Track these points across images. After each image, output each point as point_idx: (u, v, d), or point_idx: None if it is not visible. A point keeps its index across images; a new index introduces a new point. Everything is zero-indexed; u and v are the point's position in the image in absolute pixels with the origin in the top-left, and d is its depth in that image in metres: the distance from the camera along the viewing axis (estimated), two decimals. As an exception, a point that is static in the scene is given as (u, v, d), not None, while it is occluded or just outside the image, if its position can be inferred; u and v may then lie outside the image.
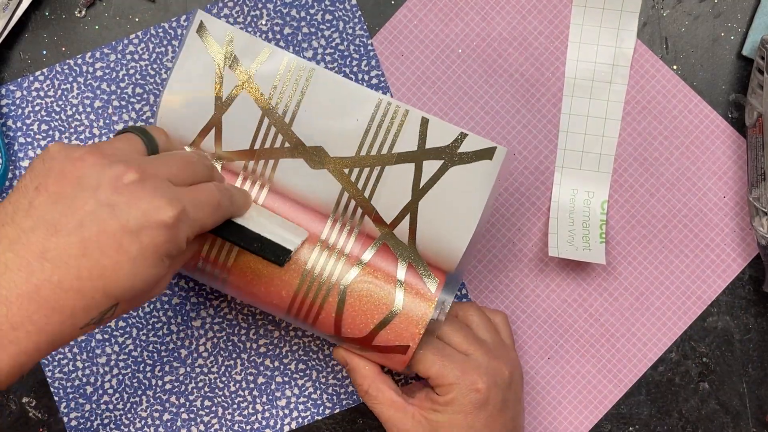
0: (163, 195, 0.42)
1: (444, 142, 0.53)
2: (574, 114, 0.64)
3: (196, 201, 0.44)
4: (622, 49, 0.64)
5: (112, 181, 0.41)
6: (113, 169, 0.42)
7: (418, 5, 0.64)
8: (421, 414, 0.54)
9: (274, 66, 0.54)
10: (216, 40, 0.54)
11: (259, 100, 0.54)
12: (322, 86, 0.54)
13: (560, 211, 0.64)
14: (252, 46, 0.54)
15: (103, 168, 0.41)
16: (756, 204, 0.62)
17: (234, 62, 0.54)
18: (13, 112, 0.64)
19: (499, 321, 0.60)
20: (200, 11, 0.53)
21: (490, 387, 0.54)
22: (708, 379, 0.65)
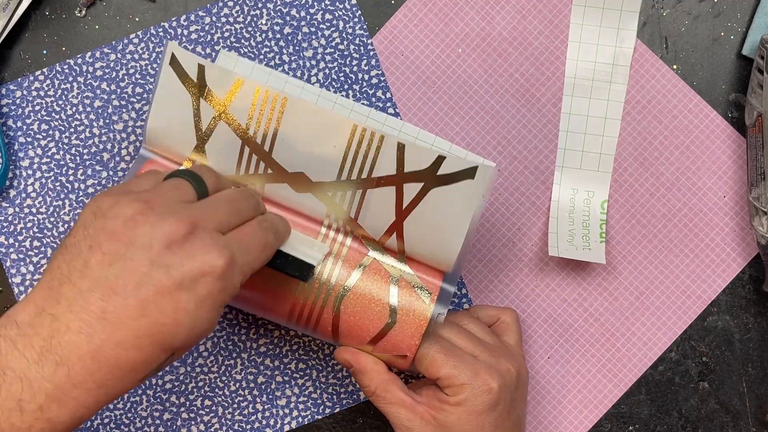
0: (214, 246, 0.43)
1: (422, 166, 0.52)
2: (574, 114, 0.64)
3: (245, 245, 0.46)
4: (622, 49, 0.64)
5: (164, 240, 0.42)
6: (164, 226, 0.42)
7: (418, 5, 0.64)
8: (430, 414, 0.54)
9: (248, 96, 0.53)
10: (189, 72, 0.53)
11: (238, 129, 0.54)
12: (297, 115, 0.53)
13: (560, 210, 0.64)
14: (224, 77, 0.53)
15: (153, 227, 0.42)
16: (756, 203, 0.62)
17: (208, 94, 0.53)
18: (13, 112, 0.64)
19: (509, 319, 0.60)
20: (171, 43, 0.53)
21: (501, 387, 0.54)
22: (708, 378, 0.65)
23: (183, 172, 0.47)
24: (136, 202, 0.43)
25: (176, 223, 0.42)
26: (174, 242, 0.42)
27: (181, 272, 0.42)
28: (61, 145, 0.64)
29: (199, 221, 0.43)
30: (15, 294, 0.64)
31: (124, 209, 0.43)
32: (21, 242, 0.64)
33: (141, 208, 0.43)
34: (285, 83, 0.62)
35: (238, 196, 0.48)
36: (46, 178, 0.64)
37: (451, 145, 0.63)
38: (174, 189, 0.45)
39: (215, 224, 0.45)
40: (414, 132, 0.63)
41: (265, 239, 0.47)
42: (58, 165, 0.64)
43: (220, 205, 0.46)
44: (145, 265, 0.41)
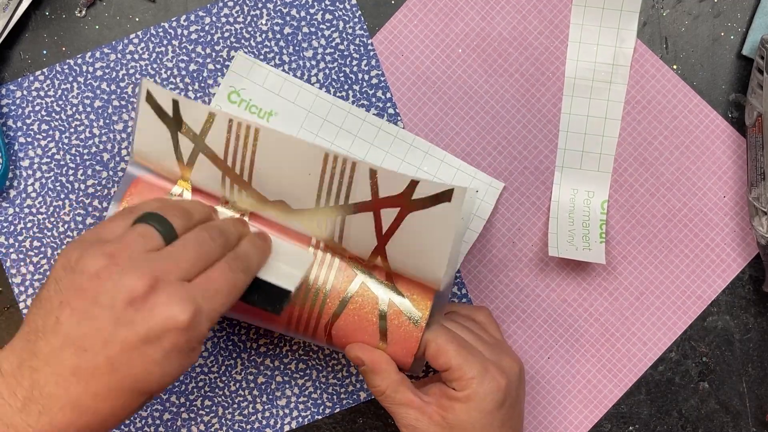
0: (177, 300, 0.44)
1: (396, 191, 0.51)
2: (574, 114, 0.64)
3: (212, 291, 0.46)
4: (622, 49, 0.64)
5: (126, 298, 0.43)
6: (126, 283, 0.43)
7: (418, 5, 0.64)
8: (439, 414, 0.54)
9: (222, 129, 0.52)
10: (165, 108, 0.52)
11: (216, 161, 0.54)
12: (270, 145, 0.52)
13: (560, 210, 0.64)
14: (194, 111, 0.52)
15: (116, 284, 0.43)
16: (756, 203, 0.62)
17: (186, 128, 0.53)
18: (14, 112, 0.64)
19: (484, 317, 0.60)
20: (144, 80, 0.52)
21: (508, 385, 0.54)
22: (708, 378, 0.65)
23: (150, 217, 0.47)
24: (101, 256, 0.44)
25: (138, 280, 0.43)
26: (136, 299, 0.43)
27: (144, 329, 0.43)
28: (61, 145, 0.64)
29: (162, 274, 0.44)
30: (15, 294, 0.64)
31: (89, 264, 0.44)
32: (21, 242, 0.64)
33: (104, 263, 0.44)
34: (299, 91, 0.63)
35: (206, 238, 0.48)
36: (46, 178, 0.64)
37: (461, 163, 0.63)
38: (140, 238, 0.46)
39: (180, 274, 0.45)
40: (424, 146, 0.63)
41: (233, 281, 0.47)
42: (58, 165, 0.64)
43: (186, 252, 0.46)
44: (110, 322, 0.43)
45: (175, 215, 0.48)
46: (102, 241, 0.46)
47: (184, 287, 0.45)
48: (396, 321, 0.55)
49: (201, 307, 0.45)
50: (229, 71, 0.63)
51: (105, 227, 0.47)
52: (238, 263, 0.48)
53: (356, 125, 0.63)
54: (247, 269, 0.49)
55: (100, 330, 0.43)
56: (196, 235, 0.48)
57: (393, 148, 0.63)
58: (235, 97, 0.63)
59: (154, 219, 0.47)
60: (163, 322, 0.43)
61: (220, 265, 0.47)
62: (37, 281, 0.64)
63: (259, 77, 0.63)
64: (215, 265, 0.47)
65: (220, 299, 0.46)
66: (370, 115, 0.64)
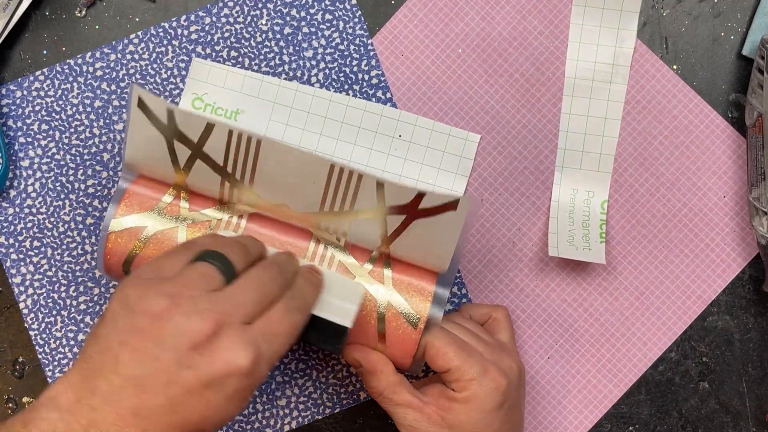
0: (240, 345, 0.44)
1: (402, 202, 0.51)
2: (574, 114, 0.64)
3: (272, 335, 0.46)
4: (622, 49, 0.64)
5: (190, 341, 0.43)
6: (190, 326, 0.43)
7: (418, 5, 0.64)
8: (438, 414, 0.54)
9: (222, 138, 0.52)
10: (158, 116, 0.51)
11: (215, 167, 0.53)
12: (273, 155, 0.52)
13: (560, 210, 0.64)
14: (191, 120, 0.51)
15: (178, 326, 0.43)
16: (756, 203, 0.62)
17: (181, 136, 0.52)
18: (14, 112, 0.64)
19: (501, 316, 0.60)
20: (135, 86, 0.51)
21: (508, 385, 0.54)
22: (708, 378, 0.65)
23: (210, 255, 0.47)
24: (162, 297, 0.44)
25: (201, 324, 0.43)
26: (199, 343, 0.43)
27: (208, 373, 0.43)
28: (61, 145, 0.64)
29: (224, 317, 0.44)
30: (15, 294, 0.64)
31: (150, 305, 0.44)
32: (21, 242, 0.64)
33: (167, 305, 0.44)
34: (261, 84, 0.63)
35: (267, 278, 0.47)
36: (46, 178, 0.64)
37: (435, 123, 0.63)
38: (201, 277, 0.46)
39: (241, 317, 0.45)
40: (394, 114, 0.64)
41: (292, 323, 0.47)
42: (58, 165, 0.64)
43: (247, 294, 0.46)
44: (173, 364, 0.43)
45: (234, 252, 0.48)
46: (161, 279, 0.45)
47: (246, 331, 0.44)
48: (394, 323, 0.55)
49: (262, 352, 0.45)
50: (188, 78, 0.63)
51: (163, 264, 0.47)
52: (296, 303, 0.48)
53: (323, 107, 0.63)
54: (304, 309, 0.49)
55: (162, 371, 0.43)
56: (257, 276, 0.47)
57: (365, 123, 0.63)
58: (199, 103, 0.63)
59: (214, 257, 0.47)
60: (226, 367, 0.43)
61: (279, 307, 0.47)
62: (37, 281, 0.64)
63: (218, 79, 0.63)
64: (274, 306, 0.47)
65: (281, 341, 0.46)
66: (335, 95, 0.63)
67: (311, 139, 0.63)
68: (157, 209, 0.55)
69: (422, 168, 0.63)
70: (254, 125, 0.63)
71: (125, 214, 0.54)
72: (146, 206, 0.55)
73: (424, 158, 0.63)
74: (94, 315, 0.64)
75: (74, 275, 0.64)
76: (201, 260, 0.47)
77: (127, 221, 0.54)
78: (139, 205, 0.54)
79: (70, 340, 0.64)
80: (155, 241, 0.54)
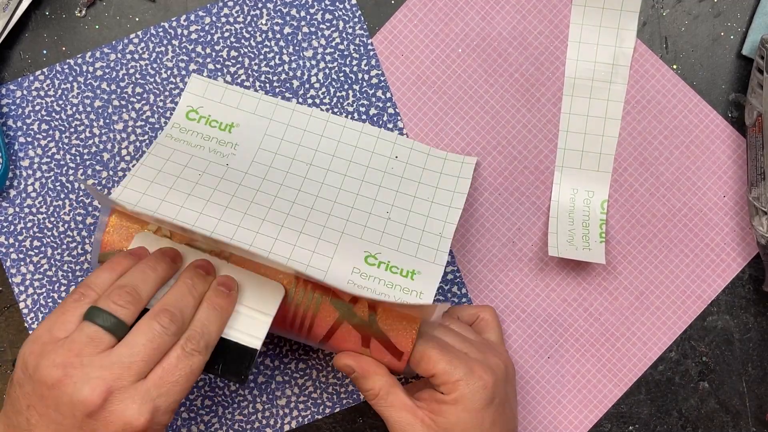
0: (133, 407, 0.46)
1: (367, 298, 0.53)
2: (574, 113, 0.64)
3: (168, 386, 0.47)
4: (622, 49, 0.64)
5: (84, 411, 0.45)
6: (81, 396, 0.45)
7: (418, 5, 0.64)
8: (430, 418, 0.54)
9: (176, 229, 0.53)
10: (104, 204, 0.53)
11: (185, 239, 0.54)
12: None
13: (560, 210, 0.64)
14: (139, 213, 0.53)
15: (71, 398, 0.46)
16: (756, 203, 0.62)
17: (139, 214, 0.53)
18: (14, 112, 0.64)
19: (488, 316, 0.61)
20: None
21: (495, 382, 0.54)
22: (708, 378, 0.65)
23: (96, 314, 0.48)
24: (54, 368, 0.46)
25: (91, 393, 0.45)
26: (93, 411, 0.46)
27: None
28: (61, 145, 0.64)
29: (115, 382, 0.46)
30: (15, 294, 0.64)
31: (46, 375, 0.46)
32: (21, 242, 0.64)
33: (59, 376, 0.46)
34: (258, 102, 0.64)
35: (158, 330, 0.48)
36: (46, 178, 0.64)
37: (430, 148, 0.64)
38: (89, 342, 0.47)
39: (133, 376, 0.47)
40: (390, 137, 0.64)
41: (190, 367, 0.48)
42: (58, 165, 0.64)
43: (137, 352, 0.47)
44: (74, 429, 0.46)
45: (122, 305, 0.48)
46: (55, 342, 0.47)
47: (138, 390, 0.46)
48: (378, 355, 0.55)
49: (158, 405, 0.46)
50: (185, 93, 0.63)
51: (57, 321, 0.48)
52: (194, 344, 0.49)
53: (320, 126, 0.63)
54: (204, 348, 0.49)
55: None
56: (148, 328, 0.48)
57: (361, 142, 0.64)
58: (194, 115, 0.63)
59: (100, 316, 0.48)
60: (122, 428, 0.46)
61: (175, 353, 0.48)
62: (37, 281, 0.64)
63: (215, 95, 0.63)
64: (170, 352, 0.48)
65: (177, 389, 0.48)
66: (333, 116, 0.64)
67: (306, 154, 0.63)
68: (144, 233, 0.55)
69: (419, 186, 0.62)
70: (248, 140, 0.63)
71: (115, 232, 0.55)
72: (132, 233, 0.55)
73: (420, 178, 0.63)
74: (94, 315, 0.64)
75: (74, 275, 0.64)
76: (88, 320, 0.48)
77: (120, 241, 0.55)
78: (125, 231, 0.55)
79: (70, 340, 0.64)
80: None
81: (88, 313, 0.48)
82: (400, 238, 0.59)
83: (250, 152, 0.62)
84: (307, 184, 0.62)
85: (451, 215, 0.61)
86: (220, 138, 0.63)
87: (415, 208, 0.61)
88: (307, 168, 0.62)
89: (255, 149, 0.62)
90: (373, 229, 0.59)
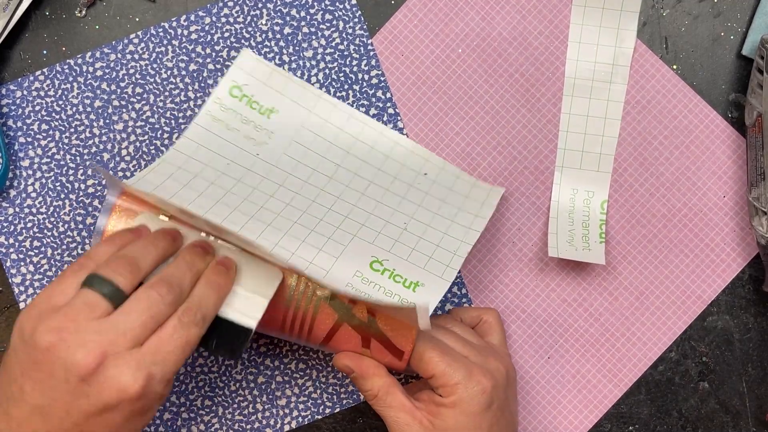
0: (127, 373, 0.46)
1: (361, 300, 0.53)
2: (574, 114, 0.64)
3: (163, 354, 0.47)
4: (622, 49, 0.64)
5: (78, 375, 0.45)
6: (75, 359, 0.45)
7: (418, 5, 0.64)
8: (428, 419, 0.54)
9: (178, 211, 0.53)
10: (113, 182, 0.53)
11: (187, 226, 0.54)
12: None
13: (560, 211, 0.64)
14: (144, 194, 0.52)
15: (65, 361, 0.45)
16: (755, 203, 0.62)
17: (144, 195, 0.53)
18: (14, 112, 0.64)
19: (491, 318, 0.60)
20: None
21: (494, 387, 0.54)
22: (708, 378, 0.65)
23: (95, 280, 0.47)
24: (50, 332, 0.46)
25: (86, 356, 0.45)
26: (87, 375, 0.45)
27: (99, 401, 0.45)
28: (61, 145, 0.64)
29: (110, 347, 0.46)
30: (15, 294, 0.64)
31: (40, 340, 0.46)
32: (21, 242, 0.64)
33: (54, 340, 0.45)
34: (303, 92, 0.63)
35: (156, 298, 0.48)
36: (46, 178, 0.64)
37: (460, 171, 0.64)
38: (86, 308, 0.47)
39: (128, 343, 0.46)
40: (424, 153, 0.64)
41: (185, 338, 0.48)
42: (58, 165, 0.64)
43: (134, 318, 0.47)
44: (68, 395, 0.45)
45: (121, 273, 0.48)
46: (52, 309, 0.47)
47: (134, 357, 0.46)
48: (378, 355, 0.55)
49: (153, 373, 0.46)
50: (234, 66, 0.63)
51: (55, 289, 0.48)
52: (191, 316, 0.48)
53: (357, 128, 0.63)
54: (201, 320, 0.49)
55: (61, 401, 0.45)
56: (145, 297, 0.48)
57: (393, 153, 0.63)
58: (237, 92, 0.63)
59: (99, 283, 0.47)
60: (117, 394, 0.45)
61: (172, 323, 0.48)
62: (37, 281, 0.64)
63: (263, 74, 0.63)
64: (167, 322, 0.48)
65: (173, 359, 0.47)
66: (370, 119, 0.63)
67: (337, 154, 0.63)
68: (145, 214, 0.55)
69: (442, 204, 0.62)
70: (285, 129, 0.63)
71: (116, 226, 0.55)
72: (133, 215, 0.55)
73: (446, 197, 0.62)
74: (94, 315, 0.64)
75: (74, 275, 0.64)
76: (87, 286, 0.47)
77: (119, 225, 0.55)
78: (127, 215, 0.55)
79: (70, 340, 0.64)
80: None
81: (87, 280, 0.48)
82: (413, 249, 0.58)
83: (284, 144, 0.62)
84: (332, 186, 0.61)
85: (469, 236, 0.60)
86: (258, 123, 0.62)
87: (434, 224, 0.60)
88: (335, 169, 0.62)
89: (289, 141, 0.62)
90: (386, 236, 0.59)
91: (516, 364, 0.64)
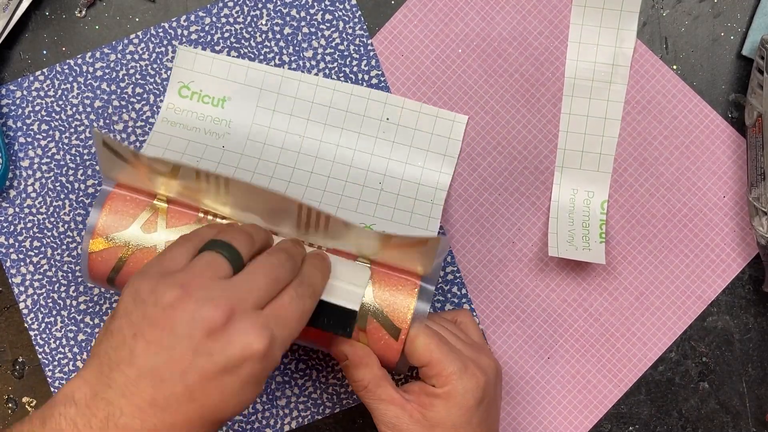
0: (253, 330, 0.44)
1: (373, 240, 0.52)
2: (574, 114, 0.64)
3: (283, 319, 0.46)
4: (622, 49, 0.64)
5: (204, 328, 0.43)
6: (203, 314, 0.44)
7: (418, 5, 0.64)
8: (419, 412, 0.54)
9: (190, 176, 0.51)
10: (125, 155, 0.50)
11: (190, 195, 0.53)
12: (242, 192, 0.52)
13: (560, 211, 0.64)
14: (157, 163, 0.50)
15: (192, 315, 0.44)
16: (755, 204, 0.62)
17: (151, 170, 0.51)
18: (13, 112, 0.64)
19: (465, 318, 0.60)
20: (96, 131, 0.49)
21: (487, 382, 0.54)
22: (708, 378, 0.65)
23: (216, 244, 0.47)
24: (173, 287, 0.44)
25: (215, 310, 0.44)
26: (214, 330, 0.44)
27: (223, 358, 0.43)
28: (61, 146, 0.64)
29: (237, 303, 0.45)
30: (15, 294, 0.64)
31: (162, 296, 0.44)
32: (21, 242, 0.64)
33: (178, 294, 0.44)
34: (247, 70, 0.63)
35: (276, 264, 0.48)
36: (46, 178, 0.64)
37: (422, 105, 0.64)
38: (208, 267, 0.46)
39: (253, 303, 0.45)
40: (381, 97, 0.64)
41: (302, 308, 0.48)
42: (58, 165, 0.64)
43: (257, 279, 0.46)
44: (188, 353, 0.43)
45: (239, 241, 0.48)
46: (169, 272, 0.46)
47: (259, 316, 0.45)
48: (375, 335, 0.55)
49: (275, 336, 0.45)
50: (174, 67, 0.63)
51: (166, 258, 0.47)
52: (305, 289, 0.49)
53: (310, 92, 0.63)
54: (313, 294, 0.49)
55: (178, 360, 0.43)
56: (266, 261, 0.48)
57: (352, 107, 0.63)
58: (186, 91, 0.63)
59: (220, 246, 0.47)
60: (242, 351, 0.44)
61: (289, 292, 0.47)
62: (37, 281, 0.64)
63: (204, 66, 0.63)
64: (284, 291, 0.47)
65: (292, 326, 0.47)
66: (322, 79, 0.64)
67: (298, 125, 0.63)
68: (137, 224, 0.54)
69: (410, 150, 0.63)
70: (241, 112, 0.63)
71: (105, 227, 0.54)
72: (124, 224, 0.54)
73: (412, 141, 0.63)
74: (94, 315, 0.64)
75: (74, 275, 0.64)
76: (208, 249, 0.47)
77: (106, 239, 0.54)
78: (119, 217, 0.54)
79: (70, 340, 0.64)
80: (134, 260, 0.54)
81: (208, 244, 0.47)
82: (394, 208, 0.60)
83: (244, 129, 0.62)
84: (302, 160, 0.62)
85: (441, 181, 0.62)
86: (214, 116, 0.62)
87: (406, 176, 0.62)
88: (301, 141, 0.63)
89: (249, 125, 0.62)
90: (366, 201, 0.60)
91: (516, 364, 0.64)
